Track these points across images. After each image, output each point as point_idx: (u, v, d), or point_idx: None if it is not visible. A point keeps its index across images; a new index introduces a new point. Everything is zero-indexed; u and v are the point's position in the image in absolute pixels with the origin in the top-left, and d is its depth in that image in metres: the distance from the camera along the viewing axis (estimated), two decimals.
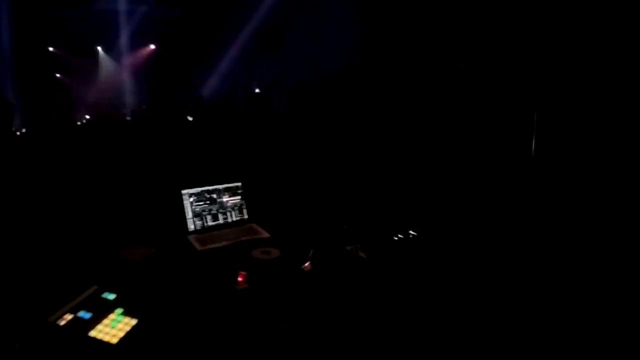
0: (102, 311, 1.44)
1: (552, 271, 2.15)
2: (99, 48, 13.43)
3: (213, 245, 2.10)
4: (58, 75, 13.40)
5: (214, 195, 2.37)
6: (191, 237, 2.20)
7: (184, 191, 2.30)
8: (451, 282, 1.80)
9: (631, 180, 2.75)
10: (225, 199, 2.40)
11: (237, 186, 2.46)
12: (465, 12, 5.06)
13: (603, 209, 2.75)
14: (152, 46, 13.51)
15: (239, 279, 1.69)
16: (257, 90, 10.69)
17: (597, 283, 2.05)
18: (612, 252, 2.39)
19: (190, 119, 8.30)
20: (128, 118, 10.91)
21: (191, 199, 2.30)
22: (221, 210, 2.38)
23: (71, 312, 1.42)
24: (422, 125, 4.53)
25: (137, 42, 13.26)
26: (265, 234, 2.26)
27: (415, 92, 5.13)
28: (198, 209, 2.31)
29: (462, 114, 4.22)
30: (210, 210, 2.34)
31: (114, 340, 1.30)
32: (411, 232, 2.15)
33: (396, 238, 2.08)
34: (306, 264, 1.80)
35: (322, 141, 4.41)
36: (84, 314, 1.42)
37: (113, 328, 1.35)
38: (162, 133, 6.25)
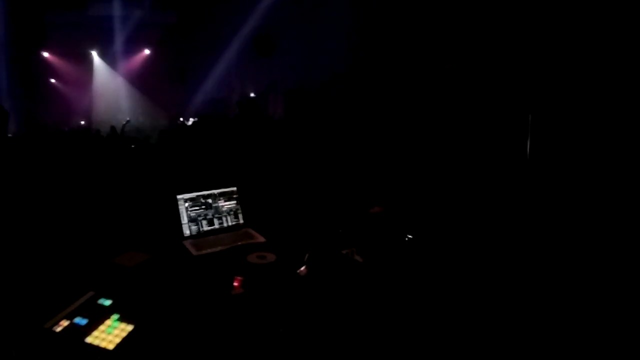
0: (98, 317, 1.44)
1: (548, 271, 2.16)
2: (94, 53, 13.39)
3: (209, 250, 2.10)
4: (53, 80, 13.36)
5: (209, 200, 2.38)
6: (187, 242, 2.20)
7: (179, 196, 2.30)
8: (448, 285, 1.82)
9: (625, 180, 2.78)
10: (220, 203, 2.41)
11: (233, 191, 2.47)
12: (459, 14, 5.09)
13: (599, 209, 2.78)
14: (147, 51, 13.50)
15: (235, 284, 1.70)
16: (252, 95, 10.71)
17: (593, 283, 2.06)
18: (608, 252, 2.41)
19: (189, 123, 8.29)
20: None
21: (186, 204, 2.31)
22: (217, 215, 2.38)
23: (67, 318, 1.42)
24: (417, 128, 4.55)
25: (132, 47, 13.25)
26: (261, 239, 2.27)
27: (409, 96, 5.16)
28: (193, 214, 2.31)
29: (458, 116, 4.24)
30: (205, 215, 2.35)
31: (111, 346, 1.30)
32: (408, 235, 2.16)
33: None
34: (302, 268, 1.81)
35: (317, 145, 4.42)
36: (80, 320, 1.42)
37: (109, 334, 1.36)
38: (158, 138, 6.25)
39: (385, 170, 3.91)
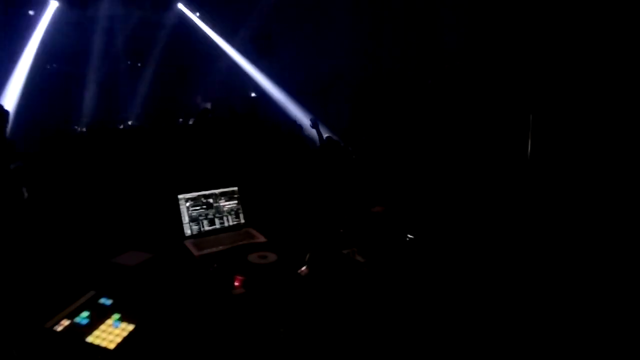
0: (99, 317, 1.44)
1: (549, 270, 2.16)
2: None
3: (210, 250, 2.10)
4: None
5: (211, 200, 2.38)
6: (188, 242, 2.20)
7: (180, 196, 2.30)
8: (449, 285, 1.81)
9: (626, 179, 2.78)
10: (221, 203, 2.41)
11: (234, 190, 2.46)
12: (463, 16, 5.09)
13: (600, 209, 2.78)
14: None
15: (236, 283, 1.69)
16: (253, 95, 10.71)
17: (593, 281, 2.06)
18: (608, 250, 2.41)
19: (190, 122, 8.27)
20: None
21: (187, 204, 2.30)
22: (218, 215, 2.38)
23: (68, 318, 1.42)
24: (420, 128, 4.55)
25: (133, 47, 13.24)
26: (262, 239, 2.27)
27: (410, 96, 5.16)
28: (194, 214, 2.31)
29: (459, 116, 4.24)
30: (206, 215, 2.35)
31: (112, 346, 1.30)
32: (409, 235, 2.15)
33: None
34: (303, 268, 1.81)
35: (318, 145, 4.42)
36: (81, 320, 1.42)
37: (110, 334, 1.36)
38: (159, 138, 6.24)
39: (387, 170, 3.91)
